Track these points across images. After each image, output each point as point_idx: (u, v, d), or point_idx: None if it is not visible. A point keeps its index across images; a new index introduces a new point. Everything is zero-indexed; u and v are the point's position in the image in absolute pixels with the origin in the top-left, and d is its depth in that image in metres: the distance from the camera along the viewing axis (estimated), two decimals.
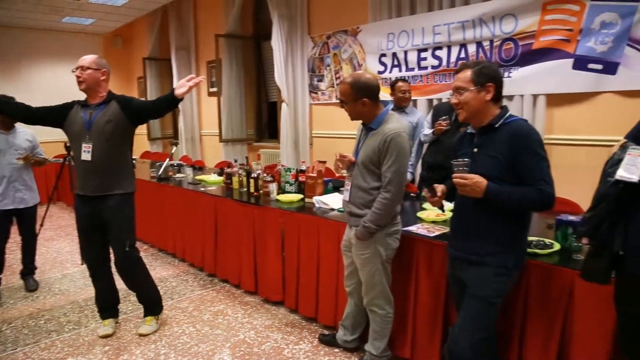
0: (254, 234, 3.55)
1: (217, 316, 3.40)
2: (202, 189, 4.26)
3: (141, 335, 3.12)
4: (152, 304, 3.23)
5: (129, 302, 3.60)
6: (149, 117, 3.09)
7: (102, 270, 3.13)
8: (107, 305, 3.22)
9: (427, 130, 3.93)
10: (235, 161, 4.38)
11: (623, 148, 1.51)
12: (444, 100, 4.36)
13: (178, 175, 5.16)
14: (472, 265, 1.99)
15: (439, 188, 2.14)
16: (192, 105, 8.15)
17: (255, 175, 3.83)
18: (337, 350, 2.86)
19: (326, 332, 3.05)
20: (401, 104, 4.12)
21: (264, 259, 3.51)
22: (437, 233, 2.51)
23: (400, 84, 4.12)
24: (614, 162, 1.52)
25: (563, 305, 2.02)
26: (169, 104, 2.87)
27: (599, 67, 3.71)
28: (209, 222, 4.02)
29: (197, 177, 4.82)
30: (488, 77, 1.93)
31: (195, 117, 8.18)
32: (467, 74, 1.96)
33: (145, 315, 3.23)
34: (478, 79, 1.93)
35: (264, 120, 7.43)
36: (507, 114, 1.96)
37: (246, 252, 3.64)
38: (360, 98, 2.35)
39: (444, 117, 3.70)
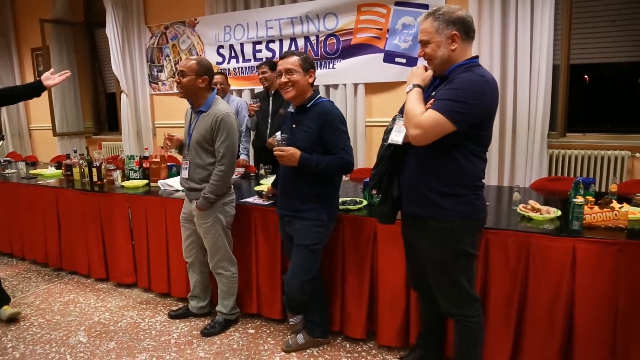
0: (101, 221, 3.59)
1: (69, 305, 3.39)
2: (40, 182, 4.09)
3: None
4: None
5: None
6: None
7: None
8: None
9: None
10: (75, 151, 4.27)
11: (394, 120, 2.05)
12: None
13: (7, 171, 4.80)
14: (296, 220, 2.45)
15: None
16: None
17: (98, 164, 3.83)
18: (192, 318, 3.12)
19: (181, 304, 3.28)
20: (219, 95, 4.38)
21: (113, 245, 3.57)
22: (270, 202, 2.92)
23: (216, 77, 4.34)
24: (387, 131, 2.05)
25: (370, 247, 2.59)
26: (32, 92, 2.93)
27: (403, 60, 4.50)
28: (49, 216, 3.91)
29: (32, 172, 4.56)
30: (311, 65, 2.43)
31: (22, 110, 7.48)
32: (295, 59, 2.39)
33: None
34: (304, 65, 2.39)
35: (103, 112, 7.15)
36: (317, 96, 2.43)
37: (94, 240, 3.66)
38: (202, 75, 2.65)
39: (254, 100, 4.08)
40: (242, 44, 5.21)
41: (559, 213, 2.45)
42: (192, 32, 5.58)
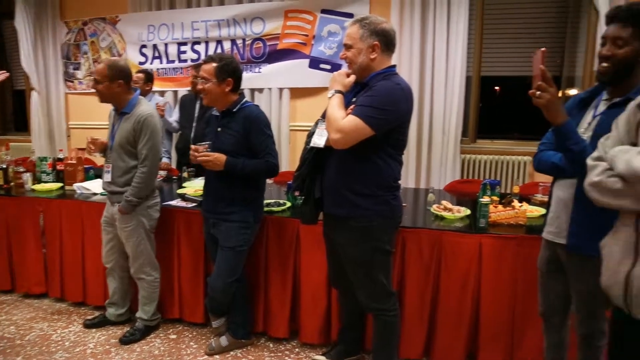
0: (7, 227, 3.34)
1: None
2: None
3: None
4: None
5: None
6: None
7: None
8: None
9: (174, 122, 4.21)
10: None
11: (316, 124, 2.13)
12: None
13: None
14: (221, 223, 2.45)
15: None
16: None
17: (5, 166, 3.58)
18: (109, 326, 3.00)
19: (97, 313, 3.13)
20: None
21: (21, 252, 3.34)
22: (193, 204, 2.89)
23: (136, 75, 4.22)
24: (310, 134, 2.13)
25: (293, 247, 2.65)
26: None
27: (328, 67, 4.62)
28: None
29: None
30: (228, 73, 2.38)
31: None
32: (211, 67, 2.37)
33: None
34: (220, 74, 2.36)
35: (9, 110, 6.64)
36: (244, 100, 2.46)
37: None
38: (116, 79, 2.56)
39: (163, 100, 4.05)
40: (166, 45, 5.09)
41: (469, 212, 2.65)
42: (113, 30, 5.36)
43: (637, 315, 1.32)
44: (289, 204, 2.84)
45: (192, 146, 2.43)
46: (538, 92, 1.64)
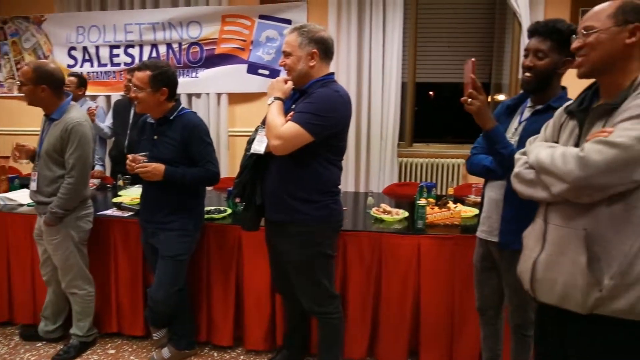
0: None
1: None
2: None
3: None
4: None
5: None
6: None
7: None
8: None
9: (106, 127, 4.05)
10: None
11: (256, 130, 2.13)
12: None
13: None
14: (160, 232, 2.39)
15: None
16: None
17: None
18: (39, 344, 2.83)
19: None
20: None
21: None
22: (130, 213, 2.79)
23: (69, 78, 4.05)
24: (250, 141, 2.13)
25: (235, 254, 2.63)
26: None
27: (267, 72, 4.62)
28: None
29: None
30: (163, 82, 2.30)
31: None
32: (145, 75, 2.28)
33: None
34: (154, 83, 2.28)
35: None
36: (180, 107, 2.40)
37: None
38: (40, 84, 2.42)
39: (94, 102, 3.98)
40: (97, 47, 4.87)
41: (407, 214, 2.75)
42: (38, 30, 5.06)
43: (539, 298, 1.45)
44: (229, 211, 2.81)
45: (130, 156, 2.34)
46: (469, 100, 1.74)
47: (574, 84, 1.89)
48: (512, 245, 1.79)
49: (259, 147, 2.05)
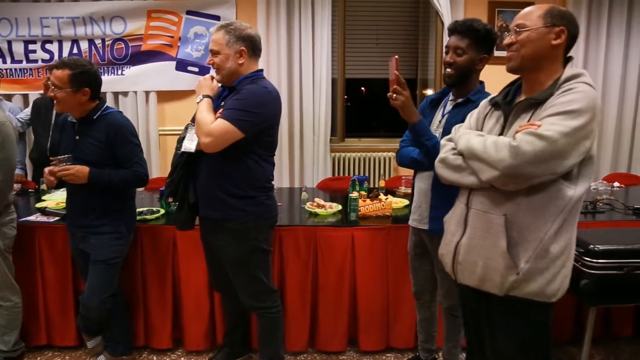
0: None
1: None
2: None
3: None
4: None
5: None
6: None
7: None
8: None
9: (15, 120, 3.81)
10: None
11: (186, 128, 2.12)
12: None
13: None
14: (91, 236, 2.30)
15: None
16: None
17: None
18: None
19: None
20: None
21: None
22: (56, 218, 2.67)
23: None
24: (180, 139, 2.11)
25: (170, 254, 2.59)
26: None
27: (196, 69, 4.55)
28: None
29: None
30: (84, 82, 2.18)
31: None
32: (64, 74, 2.15)
33: None
34: (75, 83, 2.16)
35: None
36: (104, 106, 2.31)
37: None
38: None
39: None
40: (9, 42, 4.53)
41: (340, 207, 2.83)
42: None
43: (460, 279, 1.58)
44: (163, 211, 2.76)
45: (46, 169, 2.22)
46: (394, 95, 1.83)
47: (490, 79, 2.08)
48: (441, 232, 1.91)
49: (189, 145, 2.04)
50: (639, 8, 4.48)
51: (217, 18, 4.45)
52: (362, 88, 5.57)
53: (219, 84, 2.11)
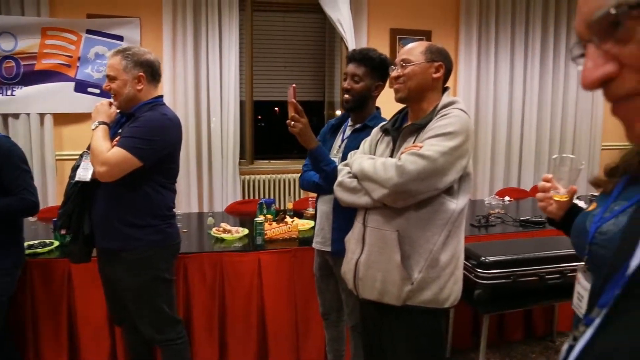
0: None
1: None
2: None
3: None
4: None
5: None
6: None
7: None
8: None
9: None
10: None
11: (81, 156, 2.03)
12: None
13: None
14: None
15: None
16: None
17: None
18: None
19: None
20: None
21: None
22: None
23: None
24: (75, 168, 2.02)
25: (65, 289, 2.44)
26: None
27: (97, 91, 4.34)
28: None
29: None
30: None
31: None
32: None
33: None
34: None
35: None
36: None
37: None
38: None
39: None
40: None
41: (247, 232, 2.84)
42: None
43: (362, 295, 1.67)
44: (57, 243, 2.59)
45: None
46: (292, 122, 1.90)
47: (388, 103, 2.21)
48: (343, 253, 1.98)
49: (84, 173, 1.96)
50: (519, 33, 4.97)
51: (121, 38, 4.31)
52: (276, 108, 5.64)
53: (117, 110, 2.05)
